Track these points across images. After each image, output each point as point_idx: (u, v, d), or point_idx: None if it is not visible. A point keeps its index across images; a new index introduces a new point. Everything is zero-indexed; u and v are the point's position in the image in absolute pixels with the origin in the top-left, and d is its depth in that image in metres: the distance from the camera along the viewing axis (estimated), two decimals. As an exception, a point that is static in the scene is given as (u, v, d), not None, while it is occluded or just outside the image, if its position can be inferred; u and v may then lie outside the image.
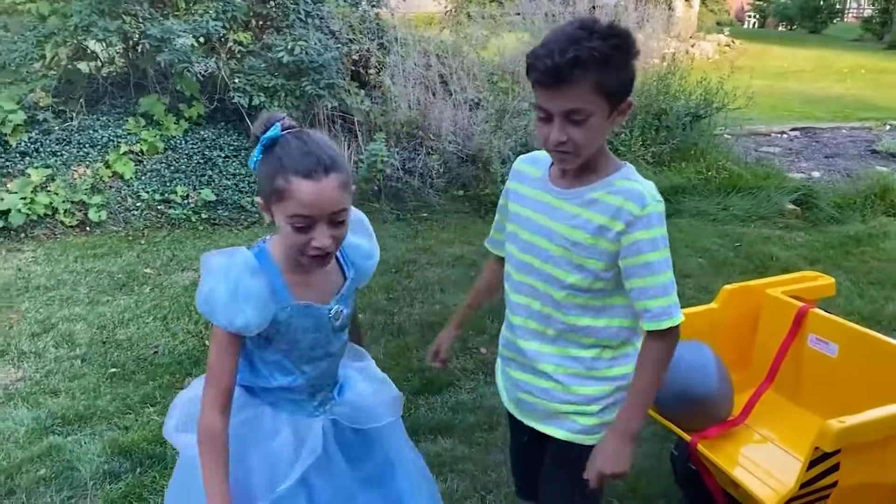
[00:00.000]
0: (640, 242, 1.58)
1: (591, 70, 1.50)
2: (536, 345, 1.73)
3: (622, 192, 1.60)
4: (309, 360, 1.67)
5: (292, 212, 1.49)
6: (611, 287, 1.65)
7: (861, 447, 1.83)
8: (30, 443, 3.16)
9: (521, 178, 1.81)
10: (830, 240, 5.62)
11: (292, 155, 1.50)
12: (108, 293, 4.71)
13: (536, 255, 1.70)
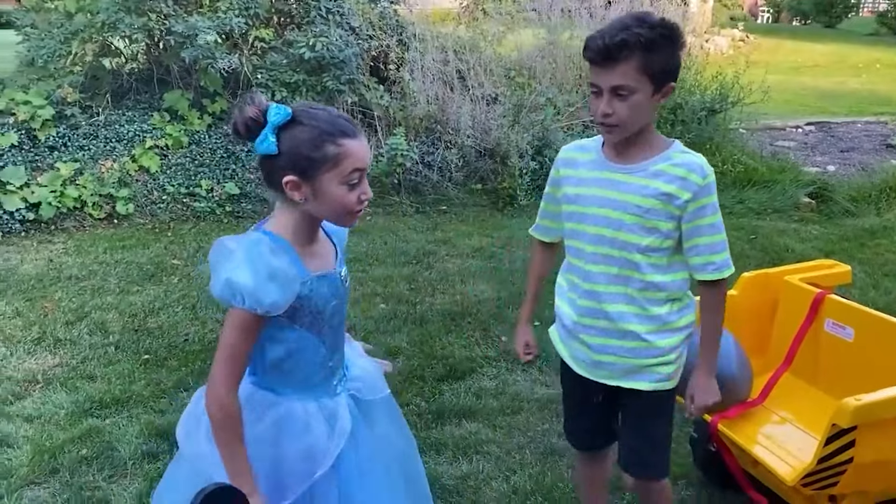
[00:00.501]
0: (706, 207, 1.84)
1: (637, 52, 1.74)
2: (622, 306, 1.91)
3: (684, 164, 1.85)
4: (329, 328, 1.74)
5: (350, 169, 1.59)
6: (675, 245, 1.90)
7: (876, 424, 1.91)
8: (70, 425, 3.28)
9: (573, 164, 2.00)
10: (845, 232, 5.68)
11: (329, 122, 1.59)
12: (138, 283, 4.84)
13: (609, 226, 1.89)
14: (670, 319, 1.92)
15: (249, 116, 1.58)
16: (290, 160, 1.58)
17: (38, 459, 3.01)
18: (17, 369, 3.74)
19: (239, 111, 1.62)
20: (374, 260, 5.28)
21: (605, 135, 1.88)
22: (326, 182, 1.59)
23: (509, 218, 6.21)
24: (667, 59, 1.79)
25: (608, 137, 1.88)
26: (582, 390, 2.08)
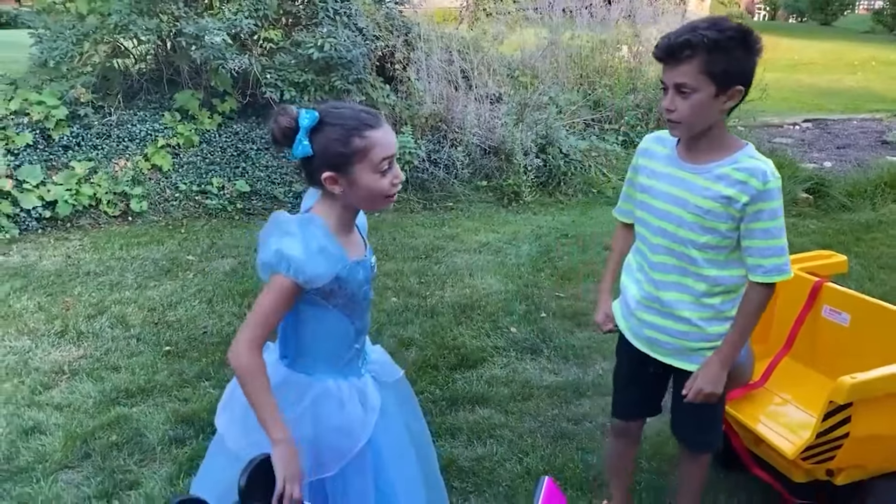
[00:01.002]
0: (763, 213, 1.92)
1: (699, 52, 1.84)
2: (676, 294, 2.06)
3: (747, 168, 1.92)
4: (360, 311, 1.88)
5: (380, 157, 1.71)
6: (733, 244, 2.00)
7: (871, 401, 2.05)
8: (99, 412, 3.42)
9: (651, 155, 2.14)
10: (842, 226, 5.83)
11: (353, 118, 1.72)
12: (155, 278, 4.98)
13: (671, 222, 2.03)
14: (723, 308, 2.05)
15: (284, 126, 1.71)
16: (325, 158, 1.71)
17: (71, 445, 3.15)
18: (44, 361, 3.88)
19: (275, 123, 1.74)
20: (383, 255, 5.41)
21: (671, 130, 2.00)
22: (360, 172, 1.72)
23: (514, 214, 6.36)
24: (731, 62, 1.85)
25: (673, 133, 2.01)
26: (636, 364, 2.24)
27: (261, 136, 6.67)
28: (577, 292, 4.76)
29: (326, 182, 1.74)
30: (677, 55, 1.86)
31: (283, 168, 6.56)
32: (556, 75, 7.73)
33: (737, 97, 1.91)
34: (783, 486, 2.44)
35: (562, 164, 6.74)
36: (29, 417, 3.35)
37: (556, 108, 7.09)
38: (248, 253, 5.43)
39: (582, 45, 8.09)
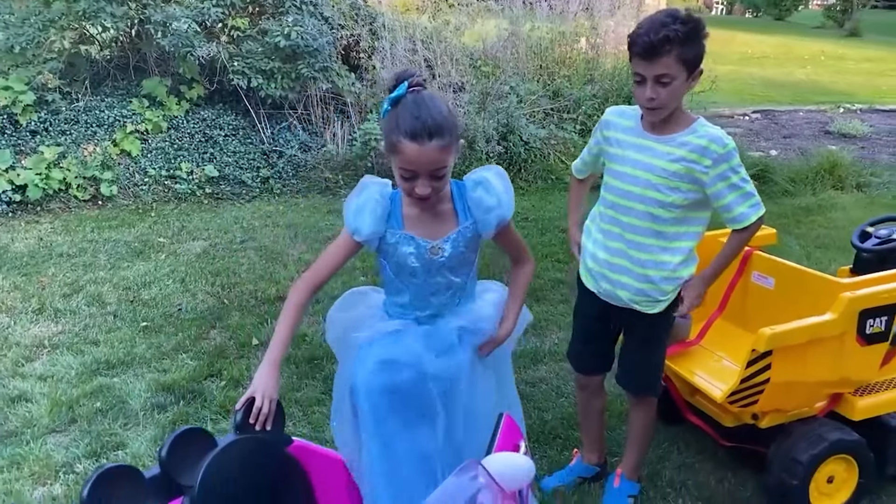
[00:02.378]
0: (726, 171, 2.23)
1: (676, 46, 2.11)
2: (641, 254, 2.35)
3: (706, 136, 2.23)
4: (414, 285, 2.01)
5: (400, 165, 1.84)
6: (694, 202, 2.29)
7: (787, 350, 2.33)
8: (82, 382, 3.58)
9: (615, 127, 2.40)
10: (784, 210, 6.20)
11: (406, 118, 1.79)
12: (127, 260, 5.11)
13: (640, 185, 2.30)
14: (677, 269, 2.35)
15: (390, 84, 1.87)
16: (383, 132, 1.90)
17: (57, 411, 3.31)
18: (24, 336, 4.01)
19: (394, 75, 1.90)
20: (350, 237, 5.61)
21: (648, 115, 2.27)
22: (394, 164, 1.87)
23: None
24: (697, 49, 2.14)
25: (651, 116, 2.27)
26: (598, 320, 2.53)
27: (228, 122, 6.81)
28: (536, 271, 5.01)
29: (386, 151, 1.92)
30: (659, 51, 2.11)
31: (250, 154, 6.71)
32: (516, 66, 7.97)
33: (698, 78, 2.22)
34: (715, 431, 2.73)
35: (522, 152, 7.00)
36: (14, 387, 3.50)
37: (516, 98, 7.34)
38: (219, 235, 5.60)
39: (542, 36, 8.34)
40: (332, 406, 2.23)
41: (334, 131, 6.84)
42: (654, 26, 2.13)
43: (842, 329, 2.39)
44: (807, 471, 2.46)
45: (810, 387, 2.50)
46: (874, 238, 3.10)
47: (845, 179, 6.71)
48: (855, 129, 8.48)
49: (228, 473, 1.73)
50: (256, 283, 4.74)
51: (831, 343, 2.41)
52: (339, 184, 6.66)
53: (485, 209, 2.00)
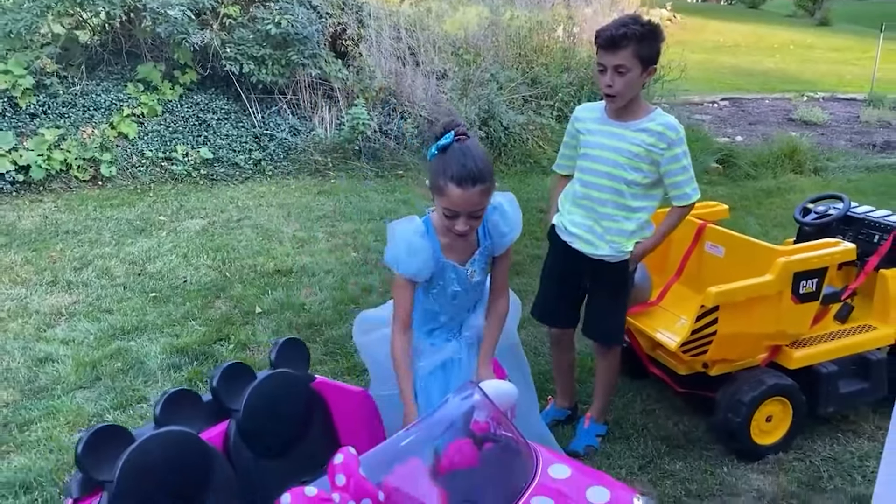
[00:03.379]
0: (678, 154, 2.66)
1: (633, 42, 2.52)
2: (608, 223, 2.76)
3: (662, 123, 2.66)
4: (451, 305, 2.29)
5: (444, 205, 2.07)
6: (651, 182, 2.72)
7: (732, 306, 2.73)
8: (101, 345, 3.90)
9: (584, 120, 2.83)
10: (746, 192, 6.64)
11: (453, 165, 2.03)
12: (130, 236, 5.41)
13: (609, 164, 2.71)
14: (634, 235, 2.77)
15: (437, 130, 2.11)
16: (430, 172, 2.13)
17: (82, 370, 3.64)
18: (42, 305, 4.32)
19: (440, 122, 2.17)
20: (341, 216, 5.96)
21: (608, 102, 2.69)
22: (438, 203, 2.12)
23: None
24: (651, 49, 2.56)
25: (610, 103, 2.69)
26: (570, 276, 2.92)
27: (221, 106, 7.10)
28: (515, 248, 5.33)
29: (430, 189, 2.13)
30: (618, 44, 2.52)
31: (242, 137, 7.01)
32: (496, 54, 8.32)
33: (652, 74, 2.64)
34: (672, 379, 3.14)
35: (502, 137, 7.37)
36: (39, 349, 3.82)
37: (496, 85, 7.69)
38: (216, 213, 5.91)
39: (520, 25, 8.69)
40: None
41: (322, 116, 7.15)
42: (617, 24, 2.56)
43: (778, 288, 2.80)
44: (748, 410, 2.88)
45: (753, 338, 2.91)
46: (813, 213, 3.52)
47: (804, 164, 7.16)
48: (816, 117, 8.94)
49: (266, 400, 2.09)
50: (255, 258, 5.07)
51: (770, 301, 2.82)
52: (328, 166, 6.99)
53: (500, 234, 2.27)
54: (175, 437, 1.87)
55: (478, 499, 1.66)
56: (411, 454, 1.69)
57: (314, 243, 5.39)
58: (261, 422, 2.06)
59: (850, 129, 8.82)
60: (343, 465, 1.46)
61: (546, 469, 1.80)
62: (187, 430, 1.90)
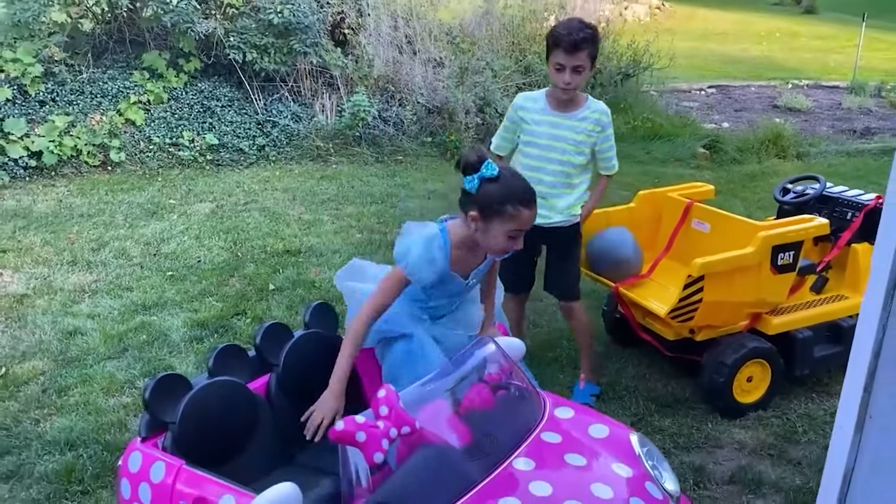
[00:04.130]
0: (609, 134, 3.15)
1: (589, 45, 2.92)
2: (558, 199, 3.15)
3: (597, 110, 3.11)
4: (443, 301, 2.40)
5: (514, 228, 2.17)
6: (588, 162, 3.18)
7: (716, 275, 3.00)
8: (125, 320, 4.14)
9: (527, 109, 3.12)
10: (732, 176, 6.93)
11: (516, 190, 2.17)
12: (143, 219, 5.64)
13: (555, 152, 3.09)
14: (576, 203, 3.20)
15: (473, 161, 2.17)
16: (480, 203, 2.17)
17: (110, 342, 3.88)
18: (65, 283, 4.55)
19: (466, 154, 2.21)
20: (344, 200, 6.20)
21: (562, 95, 3.04)
22: (497, 227, 2.18)
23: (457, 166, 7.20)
24: (597, 50, 2.99)
25: (564, 96, 3.04)
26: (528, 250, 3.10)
27: (224, 93, 7.30)
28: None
29: (469, 218, 2.20)
30: (579, 47, 2.88)
31: (246, 123, 7.22)
32: (491, 42, 8.54)
33: (594, 70, 3.19)
34: (662, 345, 3.42)
35: (497, 123, 7.60)
36: (68, 323, 4.06)
37: (492, 73, 7.93)
38: (223, 197, 6.13)
39: (514, 14, 8.91)
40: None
41: (323, 103, 7.37)
42: (575, 29, 2.91)
43: (758, 260, 3.07)
44: (731, 371, 3.16)
45: (735, 306, 3.19)
46: (792, 193, 3.80)
47: (787, 149, 7.45)
48: (800, 104, 9.24)
49: (301, 356, 2.35)
50: (264, 239, 5.31)
51: (751, 271, 3.09)
52: (330, 152, 7.21)
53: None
54: (227, 386, 2.13)
55: (495, 433, 1.92)
56: (438, 396, 1.94)
57: (320, 225, 5.63)
58: (297, 375, 2.32)
59: (832, 115, 9.13)
60: (385, 398, 1.72)
61: (553, 411, 2.07)
62: (237, 380, 2.16)
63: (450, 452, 1.83)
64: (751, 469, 2.93)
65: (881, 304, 1.70)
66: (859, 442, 1.82)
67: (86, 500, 2.77)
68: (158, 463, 1.99)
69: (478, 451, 1.84)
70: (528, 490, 1.74)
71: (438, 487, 1.74)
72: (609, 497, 1.77)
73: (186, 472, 1.94)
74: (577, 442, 1.94)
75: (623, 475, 1.87)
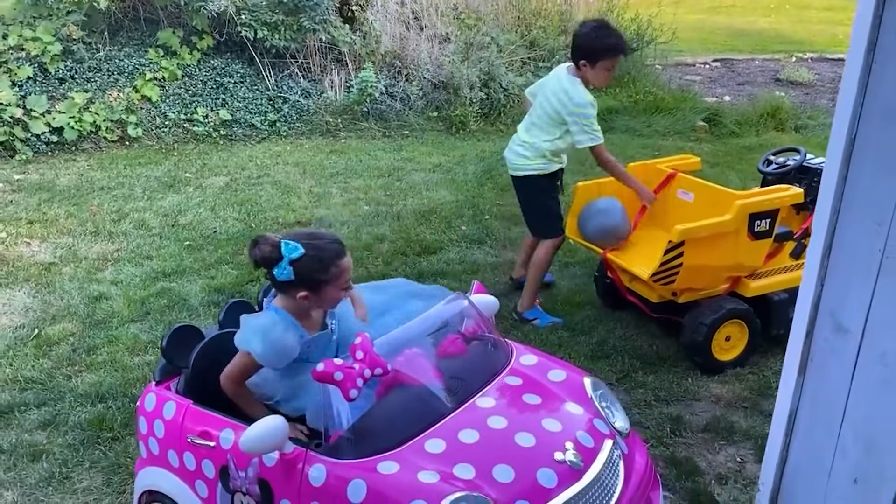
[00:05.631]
0: None
1: None
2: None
3: None
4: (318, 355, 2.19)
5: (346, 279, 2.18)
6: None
7: (695, 241, 3.21)
8: (146, 286, 4.42)
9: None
10: (730, 149, 7.09)
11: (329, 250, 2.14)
12: (160, 192, 5.90)
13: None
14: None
15: (266, 253, 2.08)
16: (304, 281, 2.11)
17: (133, 306, 4.16)
18: (89, 252, 4.83)
19: (256, 248, 2.10)
20: (352, 174, 6.43)
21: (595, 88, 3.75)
22: (331, 290, 2.17)
23: (461, 140, 7.42)
24: None
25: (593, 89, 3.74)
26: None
27: (237, 70, 7.53)
28: (514, 201, 5.72)
29: (299, 298, 2.14)
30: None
31: (257, 99, 7.45)
32: (496, 17, 8.69)
33: None
34: (647, 306, 3.66)
35: (502, 98, 7.79)
36: (93, 289, 4.34)
37: (496, 48, 8.09)
38: (237, 171, 6.39)
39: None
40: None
41: (332, 79, 7.57)
42: (620, 35, 3.67)
43: (736, 227, 3.29)
44: (709, 331, 3.39)
45: (714, 270, 3.41)
46: (774, 165, 4.00)
47: (786, 122, 7.60)
48: (802, 77, 9.34)
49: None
50: (276, 211, 5.56)
51: (729, 237, 3.31)
52: (338, 126, 7.44)
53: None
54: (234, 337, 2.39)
55: (464, 377, 2.18)
56: (413, 344, 2.19)
57: (329, 198, 5.87)
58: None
59: (834, 88, 9.20)
60: (360, 344, 1.97)
61: (518, 358, 2.33)
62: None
63: (421, 392, 2.10)
64: (724, 419, 3.18)
65: (819, 262, 1.95)
66: (802, 383, 2.07)
67: (116, 445, 3.05)
68: (170, 403, 2.28)
69: (447, 391, 2.11)
70: (487, 423, 2.01)
71: (410, 420, 2.00)
72: (558, 430, 2.03)
73: (194, 410, 2.22)
74: (535, 384, 2.21)
75: (573, 412, 2.13)
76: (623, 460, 2.11)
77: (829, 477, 1.97)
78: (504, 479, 1.86)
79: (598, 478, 1.97)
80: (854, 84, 1.82)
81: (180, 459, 2.23)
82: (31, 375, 3.51)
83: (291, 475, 1.96)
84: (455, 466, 1.88)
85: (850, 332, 1.87)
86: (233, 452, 2.09)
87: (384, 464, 1.88)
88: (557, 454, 1.95)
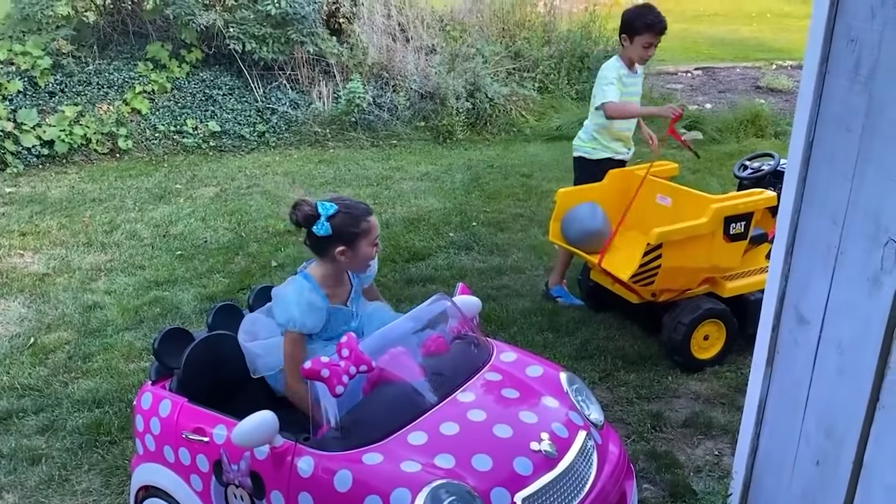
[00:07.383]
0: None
1: None
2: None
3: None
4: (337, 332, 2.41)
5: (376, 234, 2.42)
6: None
7: (673, 244, 3.33)
8: (139, 295, 4.50)
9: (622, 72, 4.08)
10: (710, 156, 7.23)
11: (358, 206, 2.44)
12: (151, 203, 5.98)
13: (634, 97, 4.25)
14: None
15: (307, 213, 2.36)
16: (341, 236, 2.35)
17: (127, 315, 4.24)
18: (82, 263, 4.91)
19: (297, 210, 2.37)
20: (341, 183, 6.54)
21: (639, 64, 4.11)
22: (363, 245, 2.39)
23: (448, 149, 7.54)
24: None
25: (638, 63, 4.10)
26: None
27: (225, 82, 7.63)
28: (500, 208, 6.00)
29: (337, 255, 2.37)
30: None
31: (246, 111, 7.55)
32: (481, 29, 8.84)
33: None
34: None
35: (488, 107, 7.93)
36: (87, 299, 4.42)
37: (482, 59, 8.23)
38: (227, 182, 6.48)
39: (504, 1, 9.20)
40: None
41: (320, 90, 7.69)
42: (659, 14, 3.90)
43: (711, 229, 3.41)
44: (688, 330, 3.51)
45: (691, 271, 3.53)
46: (749, 170, 4.14)
47: (765, 128, 7.76)
48: (781, 84, 9.52)
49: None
50: (266, 220, 5.65)
51: (705, 239, 3.43)
52: (327, 137, 7.55)
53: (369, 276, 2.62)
54: (223, 339, 2.50)
55: (446, 373, 2.29)
56: (398, 342, 2.30)
57: (318, 207, 5.97)
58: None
59: (813, 95, 9.42)
60: (346, 343, 2.07)
61: (499, 355, 2.44)
62: (231, 334, 2.52)
63: (405, 388, 2.22)
64: (703, 415, 3.29)
65: (783, 259, 2.06)
66: (770, 374, 2.19)
67: (113, 448, 3.13)
68: (165, 401, 2.38)
69: (430, 386, 2.23)
70: (467, 416, 2.12)
71: (394, 414, 2.11)
72: (533, 422, 2.14)
73: (188, 407, 2.32)
74: (514, 379, 2.32)
75: (549, 405, 2.24)
76: (597, 450, 2.21)
77: (795, 461, 2.08)
78: (482, 468, 1.97)
79: (572, 466, 2.07)
80: (810, 93, 1.95)
81: (175, 455, 2.33)
82: (28, 382, 3.59)
83: (281, 467, 2.06)
84: (436, 457, 1.98)
85: (811, 324, 1.99)
86: (226, 447, 2.18)
87: (369, 455, 1.99)
88: (533, 444, 2.06)
